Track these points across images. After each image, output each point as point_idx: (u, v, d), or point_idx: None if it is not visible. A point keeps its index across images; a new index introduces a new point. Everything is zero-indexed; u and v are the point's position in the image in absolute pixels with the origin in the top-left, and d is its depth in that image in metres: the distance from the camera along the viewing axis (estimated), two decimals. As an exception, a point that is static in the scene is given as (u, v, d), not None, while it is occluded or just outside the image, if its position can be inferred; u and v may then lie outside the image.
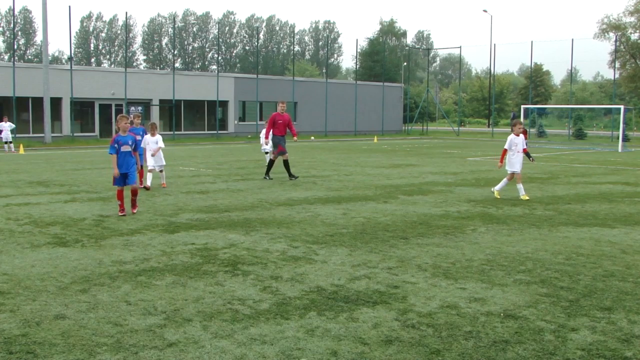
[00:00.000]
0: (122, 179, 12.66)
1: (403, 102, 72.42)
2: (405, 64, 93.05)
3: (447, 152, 35.77)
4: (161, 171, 17.60)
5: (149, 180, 16.99)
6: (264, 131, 25.72)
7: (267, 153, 24.60)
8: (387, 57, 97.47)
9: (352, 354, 5.32)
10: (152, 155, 16.98)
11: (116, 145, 12.62)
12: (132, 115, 16.09)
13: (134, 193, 12.99)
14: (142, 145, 16.81)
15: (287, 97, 60.54)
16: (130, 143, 12.76)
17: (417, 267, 8.32)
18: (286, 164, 19.67)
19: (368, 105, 66.17)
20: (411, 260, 8.70)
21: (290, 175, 19.49)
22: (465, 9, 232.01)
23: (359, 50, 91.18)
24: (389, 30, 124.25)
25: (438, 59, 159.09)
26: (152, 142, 17.50)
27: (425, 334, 5.78)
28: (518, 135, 15.81)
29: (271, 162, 20.22)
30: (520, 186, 15.51)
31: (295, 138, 21.73)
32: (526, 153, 16.17)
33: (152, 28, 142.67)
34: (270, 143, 22.91)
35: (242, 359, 5.20)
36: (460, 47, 70.59)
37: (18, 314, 6.30)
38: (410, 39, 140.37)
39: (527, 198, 15.15)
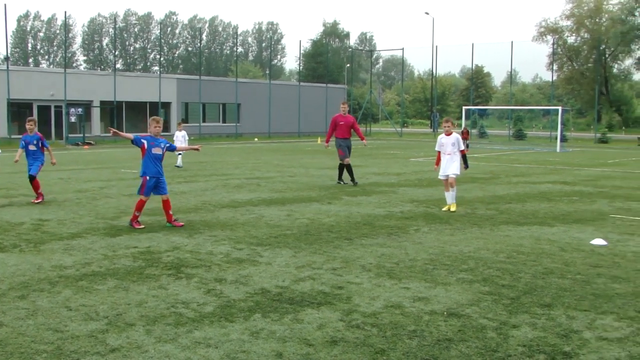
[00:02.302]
0: (151, 188, 11.63)
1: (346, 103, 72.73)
2: (348, 65, 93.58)
3: (390, 152, 36.06)
4: None
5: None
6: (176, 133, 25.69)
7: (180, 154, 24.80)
8: (331, 58, 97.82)
9: (297, 355, 5.31)
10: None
11: (145, 142, 11.59)
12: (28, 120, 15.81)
13: (168, 206, 11.67)
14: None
15: (230, 98, 60.24)
16: (162, 146, 11.69)
17: (362, 268, 8.37)
18: (348, 168, 18.62)
19: (312, 107, 66.28)
20: (355, 261, 8.74)
21: (352, 179, 18.46)
22: (408, 11, 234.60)
23: (302, 51, 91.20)
24: (332, 31, 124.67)
25: (381, 60, 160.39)
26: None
27: (370, 334, 5.82)
28: (449, 134, 13.82)
29: (341, 166, 18.79)
30: (449, 194, 13.70)
31: (364, 142, 20.46)
32: (463, 155, 13.91)
33: (92, 28, 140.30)
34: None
35: (187, 362, 5.15)
36: (403, 48, 71.32)
37: (-47, 322, 6.12)
38: (353, 41, 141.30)
39: (452, 209, 13.48)
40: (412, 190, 17.37)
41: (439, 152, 14.01)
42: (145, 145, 11.56)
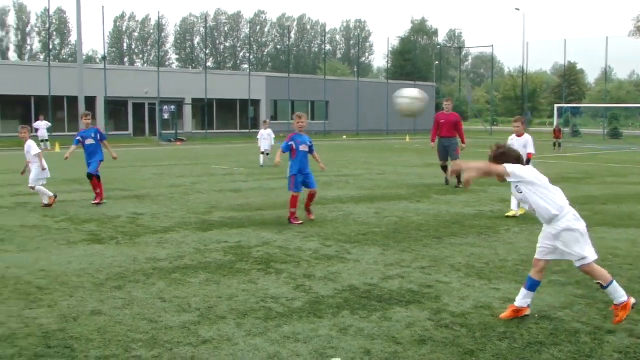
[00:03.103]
0: (301, 184, 11.78)
1: (435, 101, 72.11)
2: (437, 62, 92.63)
3: (480, 151, 35.49)
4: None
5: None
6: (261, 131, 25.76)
7: (263, 153, 24.79)
8: (419, 56, 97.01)
9: (385, 353, 5.31)
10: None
11: (292, 143, 11.76)
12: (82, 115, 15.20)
13: (312, 198, 12.05)
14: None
15: (318, 96, 60.57)
16: (309, 143, 11.90)
17: (451, 267, 8.28)
18: (446, 169, 17.67)
19: (400, 105, 65.96)
20: (444, 260, 8.66)
21: (459, 182, 17.03)
22: (497, 7, 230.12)
23: (390, 49, 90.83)
24: (420, 29, 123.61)
25: (470, 57, 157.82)
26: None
27: (459, 334, 5.75)
28: (520, 135, 12.62)
29: (444, 167, 17.89)
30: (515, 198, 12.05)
31: (463, 145, 18.19)
32: (528, 160, 11.91)
33: (184, 27, 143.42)
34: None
35: (276, 357, 5.22)
36: (493, 45, 70.27)
37: (56, 309, 6.39)
38: (441, 38, 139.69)
39: (516, 214, 12.29)
40: (502, 190, 17.04)
41: None
42: (294, 146, 11.72)
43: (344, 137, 55.13)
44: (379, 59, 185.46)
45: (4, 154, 33.71)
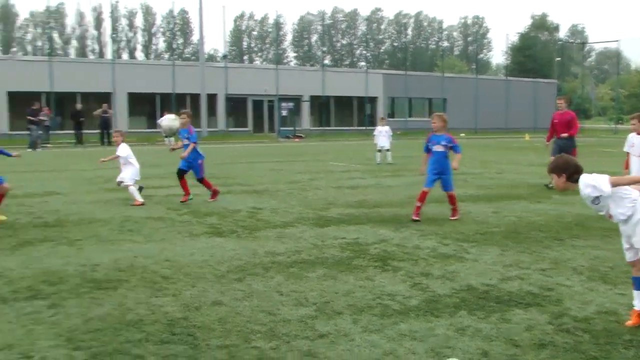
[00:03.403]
0: (432, 181, 11.72)
1: (556, 98, 70.04)
2: (558, 59, 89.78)
3: (604, 150, 34.19)
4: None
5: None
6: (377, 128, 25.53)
7: (379, 151, 24.48)
8: (539, 52, 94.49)
9: (503, 355, 5.21)
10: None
11: (429, 144, 11.85)
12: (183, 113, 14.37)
13: (450, 200, 11.89)
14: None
15: (436, 93, 60.06)
16: (443, 143, 11.72)
17: (573, 270, 8.02)
18: None
19: (519, 102, 64.40)
20: (566, 263, 8.39)
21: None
22: (623, 0, 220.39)
23: (509, 45, 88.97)
24: (541, 24, 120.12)
25: (593, 53, 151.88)
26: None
27: (582, 340, 5.57)
28: None
29: None
30: None
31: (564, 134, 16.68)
32: None
33: (301, 26, 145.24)
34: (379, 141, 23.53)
35: (392, 354, 5.22)
36: (619, 40, 67.46)
37: (179, 298, 6.64)
38: (563, 33, 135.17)
39: None
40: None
41: (628, 153, 12.54)
42: (430, 146, 11.84)
43: (462, 134, 54.37)
44: (497, 56, 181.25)
45: (133, 149, 35.19)
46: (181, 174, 13.73)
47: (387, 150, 24.29)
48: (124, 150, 14.04)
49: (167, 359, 5.09)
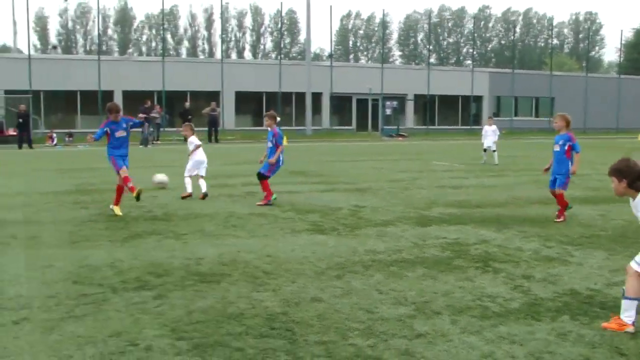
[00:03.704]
0: (551, 181, 11.86)
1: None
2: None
3: None
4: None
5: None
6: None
7: (485, 150, 24.01)
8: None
9: (607, 363, 5.07)
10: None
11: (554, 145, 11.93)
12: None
13: (557, 200, 11.76)
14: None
15: (543, 92, 58.56)
16: (561, 142, 11.79)
17: (685, 277, 7.68)
18: None
19: (632, 101, 61.90)
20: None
21: None
22: None
23: (623, 42, 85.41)
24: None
25: None
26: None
27: (692, 351, 5.34)
28: None
29: None
30: None
31: None
32: None
33: (407, 24, 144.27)
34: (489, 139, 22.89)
35: (490, 356, 5.16)
36: None
37: (279, 294, 6.77)
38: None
39: None
40: None
41: None
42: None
43: (570, 135, 52.79)
44: (610, 53, 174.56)
45: (238, 146, 35.98)
46: (262, 177, 13.37)
47: (494, 151, 23.83)
48: (193, 141, 14.61)
49: (266, 352, 5.21)
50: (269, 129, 13.49)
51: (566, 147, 11.56)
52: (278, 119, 13.77)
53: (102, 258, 8.39)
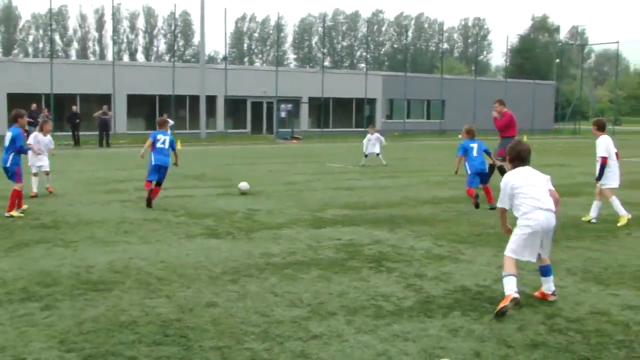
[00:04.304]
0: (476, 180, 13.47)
1: (555, 100, 69.95)
2: (557, 60, 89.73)
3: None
4: None
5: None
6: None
7: (366, 156, 24.00)
8: (539, 53, 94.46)
9: (495, 356, 5.23)
10: None
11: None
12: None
13: (487, 192, 13.53)
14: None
15: (435, 95, 60.11)
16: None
17: (567, 271, 8.05)
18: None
19: (518, 103, 64.23)
20: (560, 264, 8.41)
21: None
22: (624, 1, 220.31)
23: (509, 47, 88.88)
24: (541, 26, 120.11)
25: (593, 55, 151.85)
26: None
27: (573, 340, 5.59)
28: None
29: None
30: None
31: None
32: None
33: (302, 27, 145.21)
34: None
35: (384, 354, 5.24)
36: (618, 42, 67.38)
37: (173, 300, 6.66)
38: (563, 35, 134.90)
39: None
40: (624, 192, 16.36)
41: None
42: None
43: (459, 136, 54.36)
44: (497, 57, 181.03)
45: (130, 150, 35.21)
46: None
47: (377, 154, 24.11)
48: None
49: (160, 360, 5.11)
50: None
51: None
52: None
53: (-15, 268, 8.02)
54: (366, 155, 24.28)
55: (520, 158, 6.85)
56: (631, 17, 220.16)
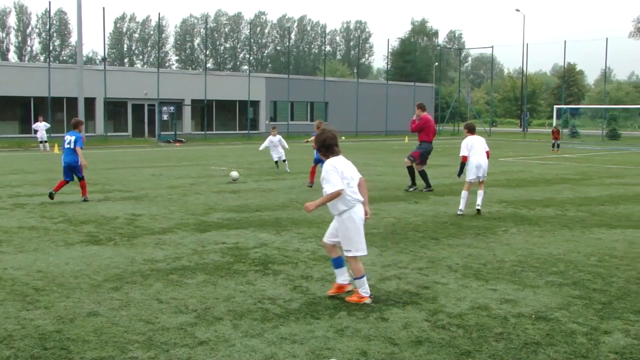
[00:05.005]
0: None
1: (434, 102, 72.09)
2: (436, 63, 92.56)
3: (479, 152, 35.46)
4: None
5: None
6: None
7: (276, 163, 22.59)
8: (419, 57, 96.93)
9: (382, 354, 5.31)
10: None
11: None
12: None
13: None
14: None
15: (318, 97, 60.71)
16: None
17: (448, 268, 8.29)
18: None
19: (399, 106, 65.88)
20: (442, 261, 8.66)
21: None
22: (498, 8, 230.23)
23: (390, 50, 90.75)
24: (421, 30, 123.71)
25: (470, 58, 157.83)
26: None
27: (456, 335, 5.76)
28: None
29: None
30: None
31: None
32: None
33: (184, 29, 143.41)
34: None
35: (272, 357, 5.22)
36: (493, 46, 70.16)
37: (52, 311, 6.39)
38: (441, 39, 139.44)
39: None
40: (500, 191, 17.07)
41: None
42: None
43: (343, 138, 55.11)
44: (379, 60, 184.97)
45: (3, 155, 33.70)
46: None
47: (284, 160, 22.40)
48: None
49: (38, 374, 4.89)
50: None
51: None
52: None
53: None
54: (276, 162, 22.64)
55: (326, 146, 7.10)
56: (504, 23, 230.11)
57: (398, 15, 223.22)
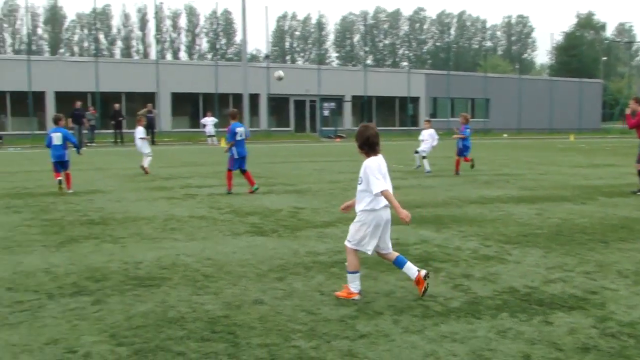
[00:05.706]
0: None
1: (602, 99, 68.84)
2: (604, 58, 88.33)
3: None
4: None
5: None
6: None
7: (416, 152, 21.96)
8: (585, 51, 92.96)
9: (545, 359, 5.14)
10: None
11: None
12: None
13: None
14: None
15: (478, 93, 59.61)
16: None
17: (618, 273, 7.89)
18: None
19: (564, 102, 63.48)
20: (611, 266, 8.25)
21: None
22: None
23: (554, 44, 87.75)
24: (587, 23, 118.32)
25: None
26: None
27: (627, 345, 5.47)
28: None
29: None
30: None
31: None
32: None
33: (344, 26, 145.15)
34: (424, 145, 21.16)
35: (432, 355, 5.19)
36: (669, 40, 65.89)
37: (221, 297, 6.69)
38: (610, 32, 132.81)
39: None
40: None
41: None
42: None
43: (505, 135, 53.82)
44: (542, 55, 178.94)
45: (175, 148, 35.56)
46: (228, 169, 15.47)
47: (424, 157, 21.52)
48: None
49: (208, 356, 5.13)
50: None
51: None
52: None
53: (37, 264, 8.17)
54: (417, 152, 22.05)
55: (369, 144, 7.17)
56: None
57: (562, 9, 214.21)
